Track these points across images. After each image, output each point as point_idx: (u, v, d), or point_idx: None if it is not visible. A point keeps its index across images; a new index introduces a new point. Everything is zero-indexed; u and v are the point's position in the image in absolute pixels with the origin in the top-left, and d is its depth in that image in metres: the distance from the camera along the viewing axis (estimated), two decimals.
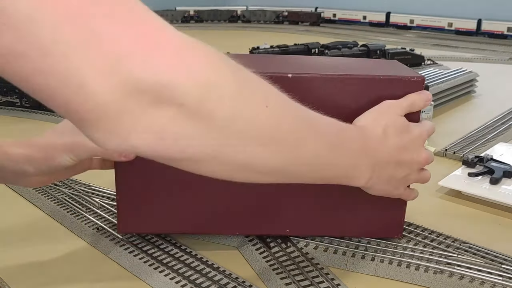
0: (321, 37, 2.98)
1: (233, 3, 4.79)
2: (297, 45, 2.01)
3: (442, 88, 1.36)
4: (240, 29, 3.82)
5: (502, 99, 1.47)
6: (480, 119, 1.22)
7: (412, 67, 1.94)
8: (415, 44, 2.74)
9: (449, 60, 2.19)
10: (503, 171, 0.81)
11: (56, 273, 0.59)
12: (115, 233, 0.65)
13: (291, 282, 0.55)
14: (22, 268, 0.60)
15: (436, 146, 1.02)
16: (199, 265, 0.58)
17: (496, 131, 1.12)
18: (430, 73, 1.55)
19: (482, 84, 1.59)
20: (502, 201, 0.75)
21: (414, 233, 0.66)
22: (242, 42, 2.59)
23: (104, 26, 0.28)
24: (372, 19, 3.88)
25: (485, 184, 0.80)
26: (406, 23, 3.65)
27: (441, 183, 0.81)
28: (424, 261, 0.59)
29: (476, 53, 2.49)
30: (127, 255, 0.61)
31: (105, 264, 0.60)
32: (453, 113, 1.34)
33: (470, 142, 1.04)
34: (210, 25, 4.10)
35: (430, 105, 1.08)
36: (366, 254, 0.61)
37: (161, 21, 0.32)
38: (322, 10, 4.12)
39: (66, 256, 0.62)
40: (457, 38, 3.14)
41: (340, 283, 0.56)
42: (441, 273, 0.57)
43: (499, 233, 0.69)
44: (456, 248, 0.63)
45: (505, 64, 2.21)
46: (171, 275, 0.57)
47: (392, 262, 0.59)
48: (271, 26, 3.97)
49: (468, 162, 0.85)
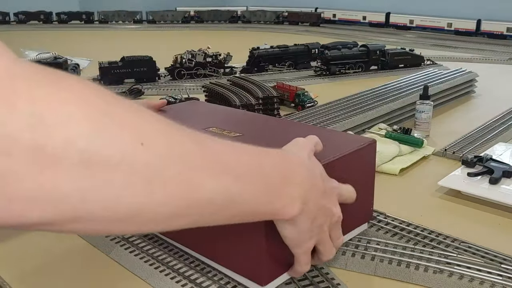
0: (321, 37, 2.99)
1: (233, 4, 4.79)
2: (297, 45, 2.02)
3: (441, 88, 1.37)
4: (240, 29, 3.82)
5: (502, 99, 1.47)
6: (479, 119, 1.22)
7: (412, 67, 1.95)
8: (414, 44, 2.74)
9: (448, 60, 2.19)
10: (502, 171, 0.81)
11: (56, 273, 0.59)
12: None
13: (291, 282, 0.55)
14: (22, 268, 0.60)
15: (435, 146, 1.02)
16: (199, 264, 0.59)
17: (496, 131, 1.12)
18: (429, 73, 1.55)
19: (481, 84, 1.59)
20: (501, 200, 0.75)
21: (413, 233, 0.66)
22: (242, 43, 2.59)
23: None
24: (372, 19, 3.89)
25: (484, 184, 0.80)
26: (405, 23, 3.66)
27: (440, 183, 0.81)
28: (423, 260, 0.59)
29: (475, 53, 2.50)
30: (128, 254, 0.61)
31: (106, 263, 0.61)
32: (452, 113, 1.35)
33: (470, 142, 1.04)
34: (210, 26, 4.10)
35: (429, 105, 1.08)
36: (366, 254, 0.61)
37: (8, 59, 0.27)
38: (322, 11, 4.12)
39: (67, 256, 0.62)
40: (456, 38, 3.15)
41: (340, 283, 0.56)
42: (440, 272, 0.57)
43: (498, 233, 0.69)
44: (456, 247, 0.63)
45: (504, 64, 2.21)
46: (172, 275, 0.57)
47: (392, 261, 0.59)
48: (271, 27, 3.98)
49: (467, 162, 0.85)
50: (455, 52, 2.52)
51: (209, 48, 1.82)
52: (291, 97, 1.36)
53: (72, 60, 1.92)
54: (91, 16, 4.25)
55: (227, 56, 1.85)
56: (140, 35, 3.58)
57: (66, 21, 4.17)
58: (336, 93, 1.37)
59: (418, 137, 1.02)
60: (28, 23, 4.14)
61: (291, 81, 1.70)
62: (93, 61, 2.13)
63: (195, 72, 1.78)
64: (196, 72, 1.78)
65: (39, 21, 4.17)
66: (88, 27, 4.00)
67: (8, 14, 4.15)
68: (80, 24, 4.18)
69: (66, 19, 4.17)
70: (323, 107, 1.18)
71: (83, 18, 4.23)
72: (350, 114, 1.10)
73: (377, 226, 0.68)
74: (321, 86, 1.70)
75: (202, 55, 1.78)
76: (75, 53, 2.29)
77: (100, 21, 4.24)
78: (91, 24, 4.21)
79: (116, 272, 0.59)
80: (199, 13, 4.27)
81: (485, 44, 2.83)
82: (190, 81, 1.75)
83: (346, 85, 1.69)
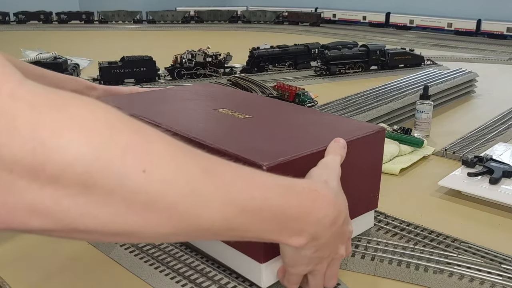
0: (321, 37, 2.99)
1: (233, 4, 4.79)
2: (297, 45, 2.02)
3: (441, 88, 1.37)
4: (240, 29, 3.82)
5: (502, 99, 1.48)
6: (479, 119, 1.22)
7: (412, 67, 1.95)
8: (414, 44, 2.74)
9: (448, 60, 2.19)
10: (502, 171, 0.81)
11: (56, 273, 0.59)
12: None
13: None
14: (22, 268, 0.60)
15: (435, 146, 1.02)
16: (200, 264, 0.59)
17: (496, 131, 1.12)
18: (429, 73, 1.55)
19: (481, 84, 1.59)
20: (501, 200, 0.75)
21: (413, 233, 0.66)
22: (242, 43, 2.59)
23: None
24: (372, 19, 3.88)
25: (484, 184, 0.80)
26: (405, 23, 3.66)
27: (440, 183, 0.81)
28: (424, 260, 0.59)
29: (475, 53, 2.50)
30: (128, 255, 0.61)
31: (106, 264, 0.61)
32: (452, 113, 1.35)
33: (470, 142, 1.04)
34: (210, 26, 4.10)
35: (429, 105, 1.08)
36: (366, 254, 0.61)
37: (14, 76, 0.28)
38: (322, 11, 4.12)
39: (67, 256, 0.62)
40: (456, 38, 3.15)
41: (340, 283, 0.56)
42: (440, 272, 0.57)
43: (498, 233, 0.69)
44: (456, 247, 0.63)
45: (504, 64, 2.21)
46: (172, 275, 0.57)
47: (392, 262, 0.59)
48: (271, 27, 3.98)
49: (467, 162, 0.85)
50: (455, 52, 2.52)
51: (209, 48, 1.82)
52: (291, 97, 1.36)
53: (72, 60, 1.92)
54: (91, 16, 4.25)
55: (227, 56, 1.85)
56: (140, 35, 3.58)
57: (66, 21, 4.16)
58: (336, 93, 1.37)
59: (418, 137, 1.02)
60: (28, 23, 4.13)
61: (291, 81, 1.70)
62: (93, 61, 2.13)
63: (195, 72, 1.77)
64: (196, 72, 1.78)
65: (39, 21, 4.17)
66: (88, 27, 4.00)
67: (8, 14, 4.14)
68: (80, 24, 4.18)
69: (66, 19, 4.17)
70: (323, 107, 1.18)
71: (83, 18, 4.22)
72: (350, 114, 1.10)
73: (377, 226, 0.68)
74: (321, 86, 1.70)
75: (202, 55, 1.78)
76: (75, 53, 2.29)
77: (100, 21, 4.23)
78: (91, 24, 4.20)
79: (116, 272, 0.59)
80: (199, 13, 4.26)
81: (485, 44, 2.83)
82: (190, 81, 1.75)
83: (346, 85, 1.69)
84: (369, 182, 0.62)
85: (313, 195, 0.42)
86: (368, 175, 0.61)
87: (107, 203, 0.30)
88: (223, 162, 0.37)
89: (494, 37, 3.12)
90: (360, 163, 0.58)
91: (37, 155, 0.27)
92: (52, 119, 0.28)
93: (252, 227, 0.38)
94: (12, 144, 0.26)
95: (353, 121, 0.65)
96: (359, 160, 0.58)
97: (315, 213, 0.42)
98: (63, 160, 0.28)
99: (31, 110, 0.27)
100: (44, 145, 0.27)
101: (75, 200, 0.29)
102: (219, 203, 0.35)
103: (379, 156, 0.62)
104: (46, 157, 0.27)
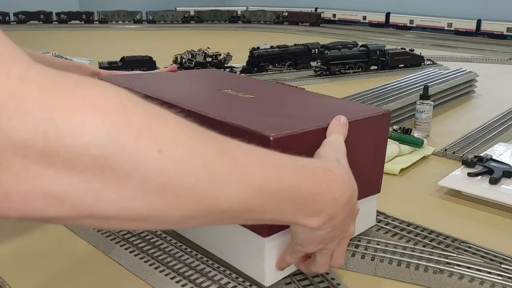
0: (321, 37, 2.99)
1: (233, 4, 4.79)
2: (297, 45, 2.02)
3: (441, 88, 1.37)
4: (240, 29, 3.82)
5: (502, 99, 1.48)
6: (479, 119, 1.22)
7: (411, 67, 1.95)
8: (414, 44, 2.74)
9: (448, 60, 2.19)
10: (502, 171, 0.81)
11: (56, 273, 0.59)
12: (116, 233, 0.65)
13: (291, 282, 0.55)
14: (22, 268, 0.60)
15: (435, 146, 1.02)
16: (199, 264, 0.59)
17: (496, 131, 1.12)
18: (429, 73, 1.55)
19: (481, 84, 1.59)
20: (501, 200, 0.75)
21: (413, 233, 0.66)
22: (242, 43, 2.60)
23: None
24: (372, 19, 3.89)
25: (484, 184, 0.80)
26: (405, 23, 3.66)
27: (440, 183, 0.81)
28: (424, 260, 0.59)
29: (475, 53, 2.50)
30: (128, 254, 0.61)
31: (106, 263, 0.61)
32: (452, 113, 1.35)
33: (470, 142, 1.04)
34: (210, 26, 4.10)
35: (429, 105, 1.08)
36: (366, 254, 0.61)
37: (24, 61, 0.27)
38: (322, 11, 4.12)
39: (67, 256, 0.62)
40: (456, 38, 3.15)
41: (340, 283, 0.56)
42: (440, 272, 0.57)
43: (498, 233, 0.69)
44: (456, 247, 0.63)
45: (504, 64, 2.21)
46: (172, 275, 0.57)
47: (392, 261, 0.59)
48: (271, 27, 3.98)
49: (467, 162, 0.85)
50: (455, 52, 2.52)
51: (209, 48, 1.82)
52: None
53: (72, 60, 1.92)
54: (91, 16, 4.25)
55: (227, 56, 1.85)
56: (140, 35, 3.58)
57: (66, 21, 4.17)
58: (336, 93, 1.37)
59: (418, 137, 1.02)
60: (28, 23, 4.13)
61: (291, 81, 1.70)
62: (93, 61, 2.13)
63: None
64: None
65: (39, 21, 4.17)
66: (88, 27, 4.00)
67: (8, 14, 4.14)
68: (80, 24, 4.18)
69: (66, 19, 4.17)
70: None
71: (83, 18, 4.23)
72: None
73: (377, 226, 0.68)
74: (321, 86, 1.70)
75: (202, 55, 1.78)
76: (75, 53, 2.29)
77: (100, 21, 4.23)
78: (91, 24, 4.20)
79: (116, 272, 0.59)
80: (199, 13, 4.27)
81: (485, 44, 2.83)
82: None
83: (346, 85, 1.69)
84: (373, 165, 0.61)
85: (327, 175, 0.42)
86: (372, 158, 0.61)
87: (123, 187, 0.29)
88: (237, 143, 0.36)
89: (494, 37, 3.12)
90: (363, 144, 0.58)
91: (50, 139, 0.26)
92: (64, 100, 0.27)
93: (269, 208, 0.38)
94: (24, 128, 0.25)
95: (358, 104, 0.65)
96: (363, 141, 0.58)
97: (331, 193, 0.41)
98: (77, 143, 0.27)
99: (41, 92, 0.26)
100: (57, 128, 0.26)
101: (91, 184, 0.28)
102: (236, 184, 0.34)
103: (384, 140, 0.62)
104: (59, 141, 0.26)
